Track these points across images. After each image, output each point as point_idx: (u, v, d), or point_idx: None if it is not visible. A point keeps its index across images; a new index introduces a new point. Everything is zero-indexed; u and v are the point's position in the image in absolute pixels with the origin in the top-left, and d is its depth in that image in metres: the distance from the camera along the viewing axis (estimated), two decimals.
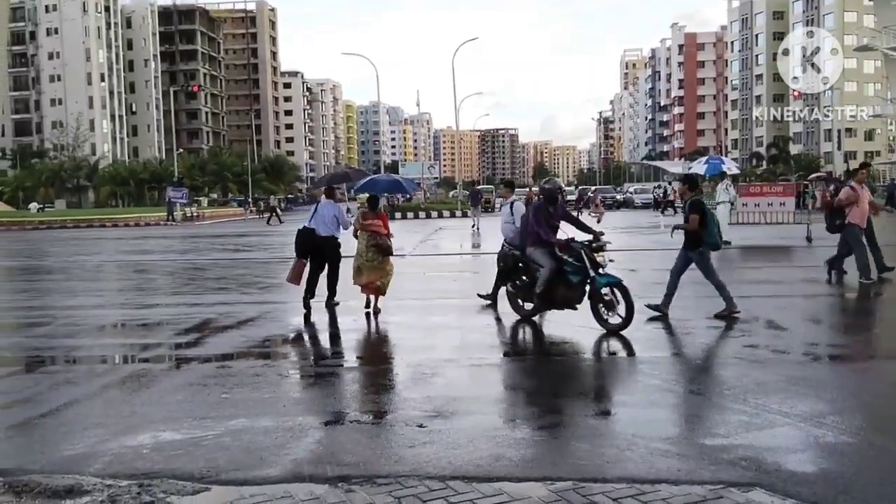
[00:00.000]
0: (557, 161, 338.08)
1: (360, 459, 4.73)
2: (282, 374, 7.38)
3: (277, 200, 57.59)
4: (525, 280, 9.48)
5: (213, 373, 7.33)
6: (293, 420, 5.60)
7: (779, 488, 4.19)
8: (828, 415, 5.50)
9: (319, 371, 7.24)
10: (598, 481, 4.33)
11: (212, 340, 9.14)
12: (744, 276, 15.12)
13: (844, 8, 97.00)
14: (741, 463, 4.59)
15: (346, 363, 7.84)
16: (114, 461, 4.83)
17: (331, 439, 5.17)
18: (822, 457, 4.75)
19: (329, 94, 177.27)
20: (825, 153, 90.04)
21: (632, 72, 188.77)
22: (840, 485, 4.26)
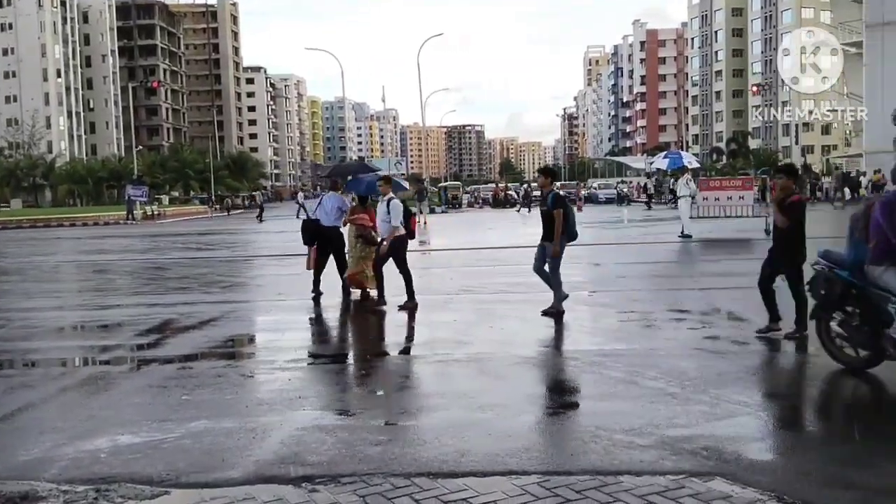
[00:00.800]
0: (523, 157, 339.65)
1: (324, 459, 4.70)
2: (245, 375, 7.30)
3: (263, 197, 57.04)
4: (861, 315, 6.24)
5: (174, 374, 7.22)
6: (256, 421, 5.54)
7: (739, 477, 4.25)
8: (787, 405, 5.60)
9: (284, 370, 7.16)
10: (562, 474, 4.35)
11: (172, 341, 9.01)
12: (704, 269, 15.35)
13: (802, 5, 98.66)
14: (702, 453, 4.64)
15: (311, 361, 7.78)
16: (70, 466, 4.74)
17: (295, 439, 5.12)
18: (780, 445, 4.83)
19: (293, 89, 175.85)
20: (783, 147, 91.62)
21: (595, 68, 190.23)
22: (799, 472, 4.33)
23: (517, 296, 11.62)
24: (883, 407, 5.63)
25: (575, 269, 15.50)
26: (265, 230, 35.20)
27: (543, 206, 9.57)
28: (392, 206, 10.32)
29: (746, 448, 4.76)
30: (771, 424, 5.19)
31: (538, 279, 13.52)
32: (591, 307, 10.94)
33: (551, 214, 9.27)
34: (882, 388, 6.15)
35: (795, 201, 7.58)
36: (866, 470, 4.34)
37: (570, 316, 10.01)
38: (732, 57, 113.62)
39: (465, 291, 12.20)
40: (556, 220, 9.23)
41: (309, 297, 11.07)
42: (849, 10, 58.79)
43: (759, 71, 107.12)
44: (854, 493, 4.06)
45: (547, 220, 9.42)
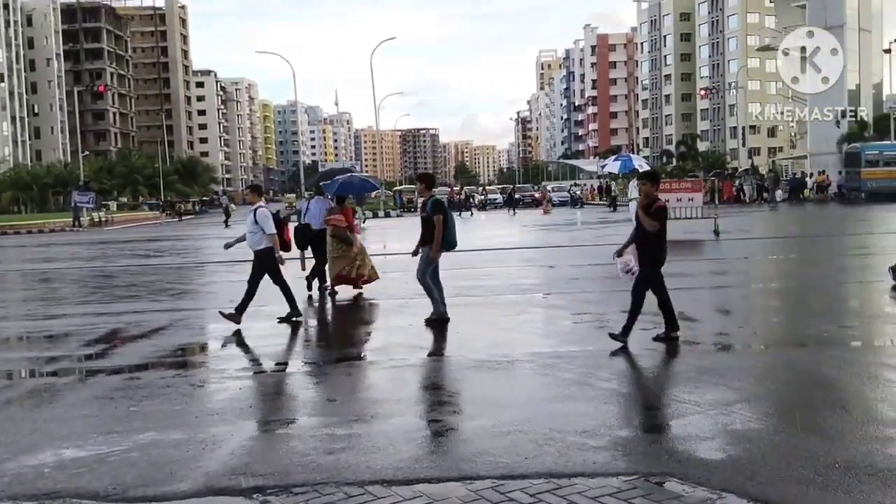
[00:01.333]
0: (478, 160, 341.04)
1: (275, 469, 4.62)
2: (194, 384, 7.16)
3: (230, 202, 56.24)
4: None
5: (121, 385, 7.05)
6: (206, 431, 5.43)
7: (690, 477, 4.30)
8: (736, 402, 5.68)
9: (234, 379, 7.05)
10: (517, 478, 4.35)
11: (120, 351, 8.81)
12: None
13: (747, 10, 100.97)
14: (654, 453, 4.69)
15: (263, 369, 7.67)
16: (13, 482, 4.58)
17: (245, 450, 5.03)
18: (730, 444, 4.89)
19: (244, 93, 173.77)
20: (731, 150, 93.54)
21: (547, 72, 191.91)
22: (748, 470, 4.40)
23: (474, 299, 11.63)
24: (829, 401, 5.76)
25: (529, 272, 15.62)
26: (216, 236, 34.69)
27: (423, 213, 9.41)
28: (259, 216, 9.65)
29: (697, 447, 4.82)
30: (721, 423, 5.26)
31: (495, 282, 13.62)
32: (545, 309, 11.01)
33: (431, 220, 9.12)
34: (830, 383, 6.29)
35: (660, 207, 7.75)
36: (811, 464, 4.43)
37: (525, 318, 10.07)
38: (681, 61, 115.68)
39: (420, 295, 12.13)
40: (436, 226, 9.05)
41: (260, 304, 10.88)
42: (792, 15, 60.30)
43: (707, 75, 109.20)
44: (800, 489, 4.14)
45: (426, 226, 9.24)
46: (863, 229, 23.78)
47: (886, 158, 40.79)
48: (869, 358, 7.22)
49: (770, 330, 9.13)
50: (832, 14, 51.45)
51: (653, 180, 8.12)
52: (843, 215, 32.57)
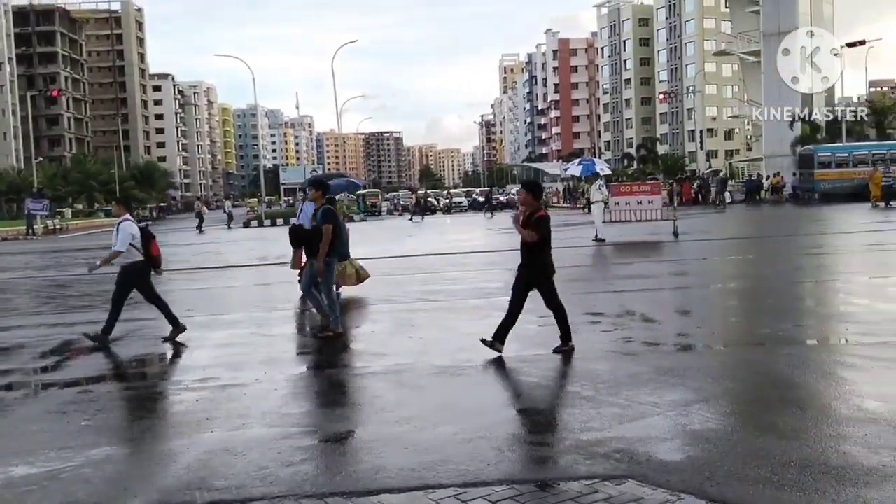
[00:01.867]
0: (443, 164, 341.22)
1: (232, 483, 4.53)
2: (149, 397, 7.01)
3: (203, 206, 55.47)
4: None
5: (74, 398, 6.87)
6: (161, 445, 5.32)
7: (650, 478, 4.31)
8: (694, 403, 5.73)
9: (191, 390, 6.92)
10: (479, 485, 4.33)
11: (73, 363, 8.61)
12: (618, 272, 15.69)
13: (703, 15, 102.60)
14: (615, 456, 4.70)
15: (221, 380, 7.52)
16: None
17: (202, 463, 4.92)
18: (689, 445, 4.93)
19: (203, 97, 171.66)
20: (690, 152, 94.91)
21: (510, 76, 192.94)
22: (707, 471, 4.43)
23: (436, 304, 11.61)
24: (785, 400, 5.83)
25: (493, 275, 15.63)
26: (174, 243, 34.18)
27: (313, 221, 9.10)
28: (119, 229, 9.10)
29: (657, 449, 4.85)
30: (680, 423, 5.30)
31: (458, 287, 13.59)
32: None
33: (320, 230, 8.87)
34: (786, 382, 6.37)
35: (541, 217, 7.61)
36: (768, 463, 4.48)
37: (489, 322, 10.06)
38: (640, 65, 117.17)
39: (383, 301, 12.11)
40: (324, 236, 8.79)
41: (218, 312, 10.81)
42: (747, 21, 61.39)
43: (666, 79, 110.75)
44: (757, 488, 4.18)
45: (316, 235, 8.95)
46: (816, 229, 24.27)
47: (839, 160, 41.69)
48: (824, 356, 7.34)
49: (728, 330, 9.25)
50: (785, 19, 52.45)
51: (532, 191, 7.91)
52: (798, 216, 33.22)
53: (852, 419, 5.26)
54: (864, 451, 4.64)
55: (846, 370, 6.69)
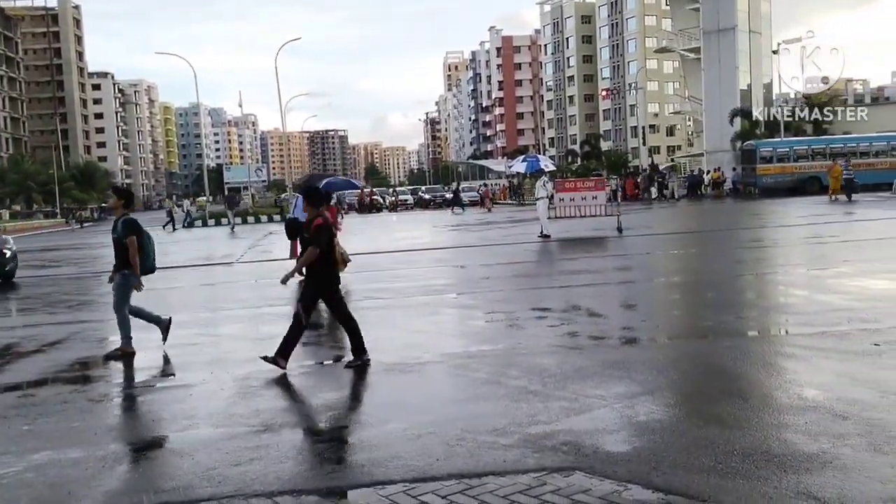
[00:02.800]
0: (388, 162, 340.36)
1: (180, 484, 4.48)
2: (93, 400, 6.85)
3: (174, 205, 54.37)
4: None
5: (15, 403, 6.68)
6: (106, 448, 5.21)
7: (597, 470, 4.39)
8: (640, 395, 5.85)
9: (135, 393, 6.80)
10: (428, 480, 4.35)
11: (13, 367, 8.36)
12: (563, 268, 15.88)
13: (645, 13, 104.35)
14: (562, 448, 4.77)
15: (165, 382, 7.40)
16: None
17: (148, 465, 4.85)
18: (635, 436, 5.03)
19: (144, 95, 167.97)
20: (632, 148, 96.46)
21: (454, 74, 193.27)
22: (653, 461, 4.52)
23: (384, 301, 11.59)
24: (728, 390, 5.98)
25: (440, 273, 15.68)
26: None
27: (114, 234, 8.43)
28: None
29: (604, 440, 4.94)
30: (627, 416, 5.41)
31: (406, 284, 13.58)
32: (456, 309, 11.06)
33: (123, 243, 8.29)
34: (729, 373, 6.54)
35: (319, 226, 7.17)
36: (711, 452, 4.60)
37: (437, 319, 10.10)
38: (583, 63, 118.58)
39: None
40: (130, 249, 8.21)
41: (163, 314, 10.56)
42: (687, 18, 62.69)
43: (609, 76, 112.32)
44: (702, 477, 4.29)
45: (119, 249, 8.35)
46: (757, 223, 24.93)
47: (780, 155, 42.76)
48: (765, 347, 7.55)
49: (672, 323, 9.44)
50: (724, 17, 53.71)
51: (308, 198, 7.42)
52: (738, 210, 34.02)
53: (793, 408, 5.43)
54: (804, 438, 4.79)
55: (786, 360, 6.90)
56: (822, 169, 40.16)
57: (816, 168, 40.97)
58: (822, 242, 17.59)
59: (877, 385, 5.82)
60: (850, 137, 44.53)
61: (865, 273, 11.80)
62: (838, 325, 7.99)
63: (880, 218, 23.04)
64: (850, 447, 4.58)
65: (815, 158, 41.87)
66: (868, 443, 4.63)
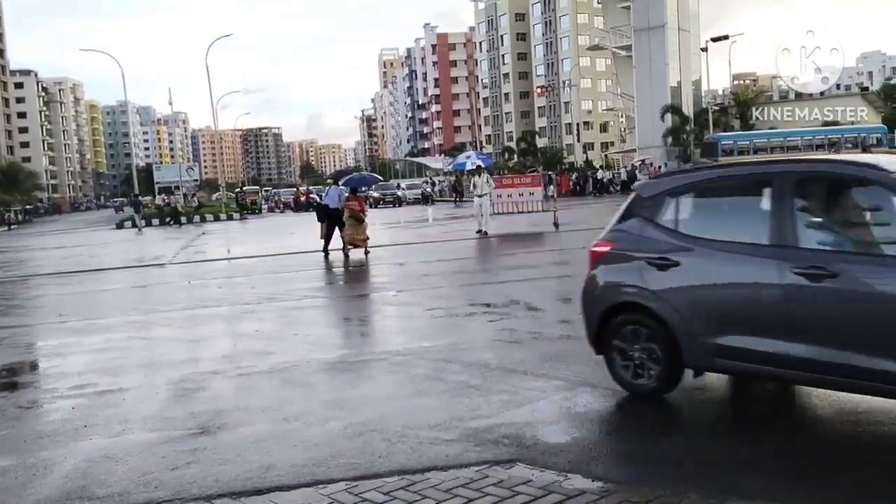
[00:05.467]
0: (324, 159, 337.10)
1: (115, 490, 4.36)
2: (22, 406, 6.62)
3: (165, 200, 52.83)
4: None
5: None
6: (36, 455, 5.04)
7: (538, 461, 4.45)
8: (578, 386, 5.94)
9: (67, 398, 6.58)
10: (370, 478, 4.34)
11: None
12: (502, 263, 16.02)
13: (577, 11, 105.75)
14: (504, 441, 4.82)
15: (98, 386, 7.19)
16: None
17: (81, 472, 4.70)
18: (574, 427, 5.11)
19: (69, 94, 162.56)
20: (567, 145, 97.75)
21: (390, 70, 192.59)
22: (591, 451, 4.61)
23: (323, 300, 11.51)
24: None
25: (380, 270, 15.64)
26: (42, 246, 32.33)
27: None
28: None
29: (544, 432, 5.01)
30: (565, 407, 5.49)
31: (344, 282, 13.52)
32: (396, 307, 11.05)
33: None
34: None
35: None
36: (645, 442, 4.71)
37: (377, 317, 10.09)
38: (518, 60, 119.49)
39: (268, 300, 11.89)
40: None
41: (93, 317, 10.34)
42: (619, 16, 63.82)
43: (543, 73, 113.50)
44: (638, 465, 4.39)
45: None
46: None
47: (740, 148, 43.83)
48: None
49: None
50: (654, 15, 54.91)
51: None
52: None
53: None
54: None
55: None
56: None
57: None
58: None
59: None
60: (806, 131, 45.98)
61: None
62: None
63: None
64: None
65: (773, 151, 43.26)
66: None
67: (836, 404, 5.13)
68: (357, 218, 17.32)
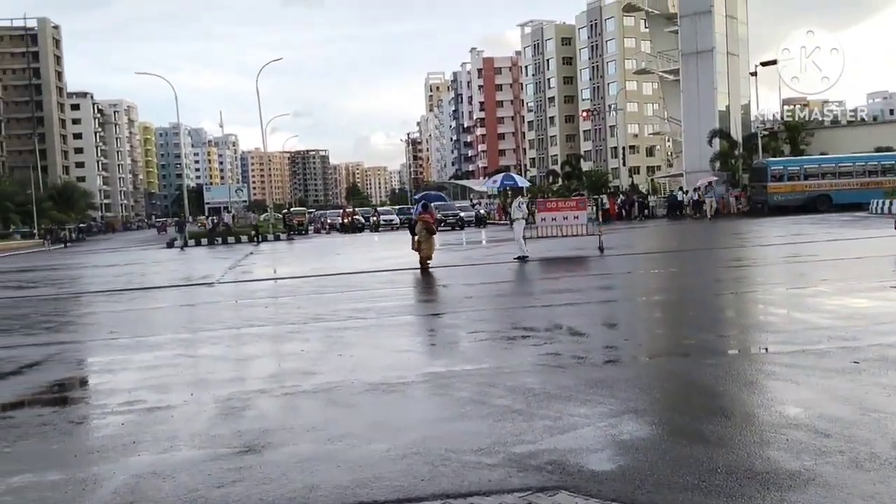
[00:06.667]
0: (370, 182, 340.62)
1: None
2: (73, 422, 6.77)
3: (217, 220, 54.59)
4: None
5: None
6: (86, 471, 5.14)
7: (582, 489, 4.39)
8: (624, 413, 5.86)
9: (117, 414, 6.71)
10: (413, 501, 4.33)
11: None
12: (545, 287, 15.92)
13: (624, 35, 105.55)
14: (547, 467, 4.76)
15: (147, 403, 7.32)
16: None
17: (129, 488, 4.78)
18: (619, 454, 5.03)
19: (123, 115, 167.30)
20: (612, 169, 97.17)
21: (436, 94, 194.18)
22: (637, 480, 4.53)
23: (367, 321, 11.55)
24: (711, 408, 6.01)
25: (424, 291, 15.67)
26: (94, 264, 33.12)
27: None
28: None
29: (588, 459, 4.94)
30: (611, 435, 5.41)
31: (389, 303, 13.57)
32: (439, 329, 11.05)
33: None
34: (711, 391, 6.57)
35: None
36: (695, 470, 4.61)
37: (420, 338, 10.10)
38: (563, 84, 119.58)
39: (313, 320, 11.99)
40: None
41: (142, 335, 10.55)
42: (666, 40, 63.46)
43: (589, 97, 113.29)
44: (686, 495, 4.30)
45: None
46: (736, 243, 25.14)
47: (791, 173, 43.13)
48: (746, 366, 7.59)
49: (654, 341, 9.48)
50: (702, 39, 54.43)
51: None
52: (719, 230, 34.29)
53: (774, 425, 5.46)
54: (786, 455, 4.81)
55: (768, 378, 6.94)
56: (831, 187, 40.97)
57: (826, 186, 41.71)
58: (801, 262, 17.78)
59: (857, 402, 5.88)
60: (859, 157, 45.07)
61: (844, 292, 11.93)
62: (818, 344, 8.06)
63: (858, 237, 23.34)
64: (832, 464, 4.61)
65: (824, 177, 42.49)
66: (849, 460, 4.66)
67: None
68: (430, 230, 19.40)
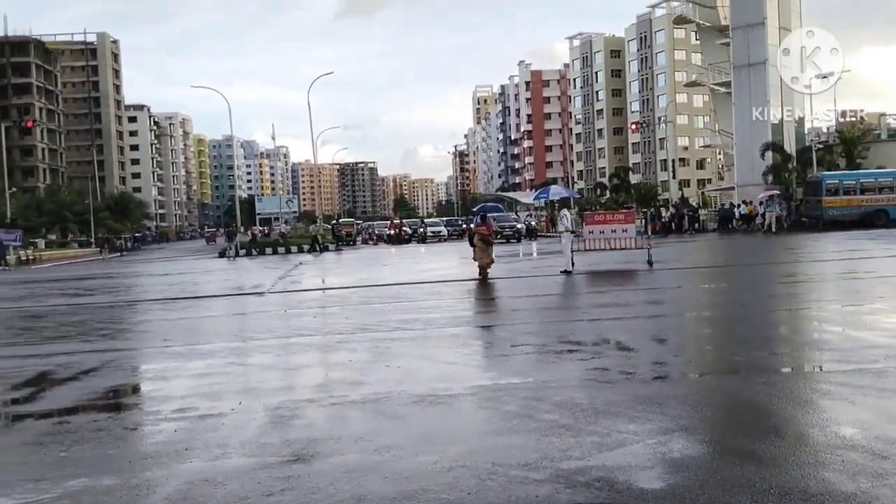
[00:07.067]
0: (417, 193, 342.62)
1: None
2: (127, 428, 6.93)
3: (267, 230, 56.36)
4: None
5: (51, 430, 6.79)
6: (140, 476, 5.26)
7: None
8: (673, 431, 5.78)
9: (170, 421, 6.86)
10: None
11: (48, 394, 8.48)
12: (592, 301, 15.79)
13: (674, 47, 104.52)
14: (595, 484, 4.72)
15: (199, 410, 7.46)
16: None
17: (181, 494, 4.88)
18: (669, 472, 4.96)
19: (178, 127, 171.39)
20: (662, 181, 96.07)
21: (483, 107, 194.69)
22: (687, 499, 4.46)
23: (414, 332, 11.60)
24: (763, 427, 5.89)
25: (470, 303, 15.68)
26: (150, 273, 33.88)
27: None
28: None
29: (637, 477, 4.88)
30: (660, 452, 5.34)
31: (435, 315, 13.61)
32: (486, 342, 11.04)
33: None
34: (763, 409, 6.44)
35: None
36: (747, 490, 4.53)
37: (467, 350, 10.10)
38: (612, 96, 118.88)
39: (360, 330, 12.09)
40: None
41: (195, 343, 10.75)
42: (717, 53, 62.67)
43: (638, 109, 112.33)
44: None
45: None
46: (790, 258, 24.61)
47: (846, 187, 42.18)
48: (799, 384, 7.44)
49: (704, 358, 9.33)
50: (754, 51, 53.63)
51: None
52: (770, 245, 33.62)
53: (830, 445, 5.33)
54: (842, 477, 4.70)
55: (822, 397, 6.78)
56: (889, 202, 39.97)
57: (883, 201, 40.70)
58: (857, 278, 17.32)
59: None
60: None
61: None
62: (875, 363, 7.85)
63: None
64: (890, 487, 4.49)
65: (881, 192, 41.46)
66: None
67: None
68: (486, 241, 20.13)
